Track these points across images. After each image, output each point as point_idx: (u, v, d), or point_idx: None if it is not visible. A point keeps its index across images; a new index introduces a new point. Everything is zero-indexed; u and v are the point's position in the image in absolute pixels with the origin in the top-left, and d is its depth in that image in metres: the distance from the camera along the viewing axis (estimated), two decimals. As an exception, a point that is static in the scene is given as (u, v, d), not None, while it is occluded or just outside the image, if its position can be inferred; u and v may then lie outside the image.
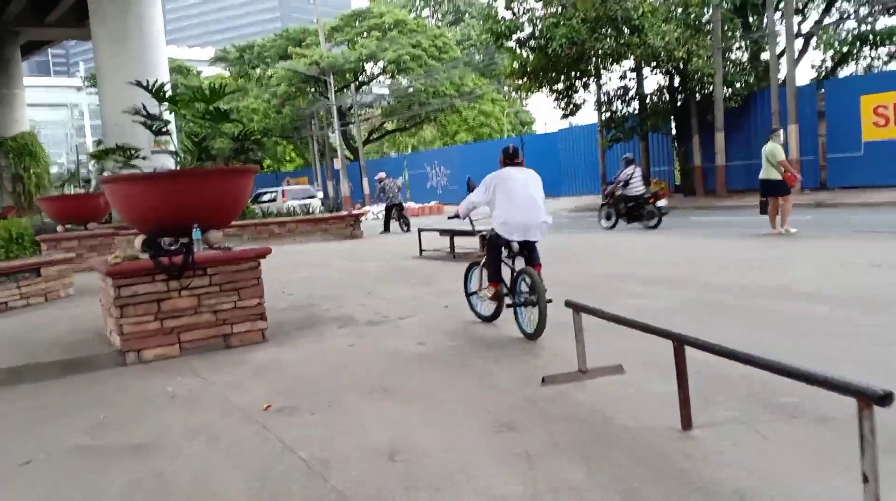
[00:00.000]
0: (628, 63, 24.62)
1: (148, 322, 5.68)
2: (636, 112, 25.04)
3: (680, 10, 22.45)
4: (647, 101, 24.95)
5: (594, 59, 22.25)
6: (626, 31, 20.79)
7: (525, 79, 24.08)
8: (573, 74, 24.00)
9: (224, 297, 5.93)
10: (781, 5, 22.08)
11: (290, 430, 3.84)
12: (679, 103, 24.69)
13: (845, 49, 24.25)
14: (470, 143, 43.40)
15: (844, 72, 25.75)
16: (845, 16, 24.93)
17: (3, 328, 7.19)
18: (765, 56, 25.41)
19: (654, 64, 22.54)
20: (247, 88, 51.86)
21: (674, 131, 26.32)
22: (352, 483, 3.10)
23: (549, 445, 3.37)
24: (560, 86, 24.98)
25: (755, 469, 2.95)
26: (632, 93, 25.02)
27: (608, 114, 25.52)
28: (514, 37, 22.21)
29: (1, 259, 8.95)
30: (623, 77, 25.20)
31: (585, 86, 25.24)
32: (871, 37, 23.25)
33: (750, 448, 3.18)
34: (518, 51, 23.34)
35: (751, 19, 25.04)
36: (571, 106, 25.70)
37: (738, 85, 23.17)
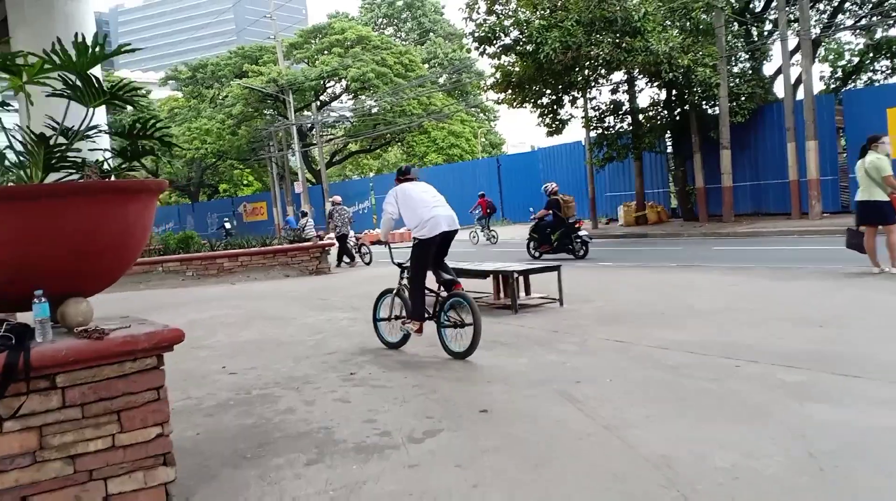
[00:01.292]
0: (620, 75, 22.37)
1: (-70, 488, 2.86)
2: (630, 128, 22.71)
3: (679, 15, 20.25)
4: (642, 116, 22.64)
5: (588, 68, 19.86)
6: (627, 35, 18.41)
7: (509, 91, 21.59)
8: (559, 86, 21.59)
9: (91, 429, 3.11)
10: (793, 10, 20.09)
11: None
12: (677, 118, 22.46)
13: (856, 59, 22.32)
14: (441, 165, 40.85)
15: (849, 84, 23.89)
16: (841, 25, 23.06)
17: None
18: (768, 69, 23.44)
19: (653, 73, 20.20)
20: (199, 108, 48.79)
21: (669, 149, 24.09)
22: None
23: None
24: (545, 100, 22.58)
25: None
26: (625, 107, 22.70)
27: (599, 130, 23.16)
28: (499, 42, 19.69)
29: None
30: (615, 90, 22.90)
31: (573, 100, 22.85)
32: (885, 47, 21.33)
33: None
34: (503, 58, 20.82)
35: (753, 30, 23.02)
36: (557, 122, 23.29)
37: (742, 98, 20.98)
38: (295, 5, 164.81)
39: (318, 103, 44.74)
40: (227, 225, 32.90)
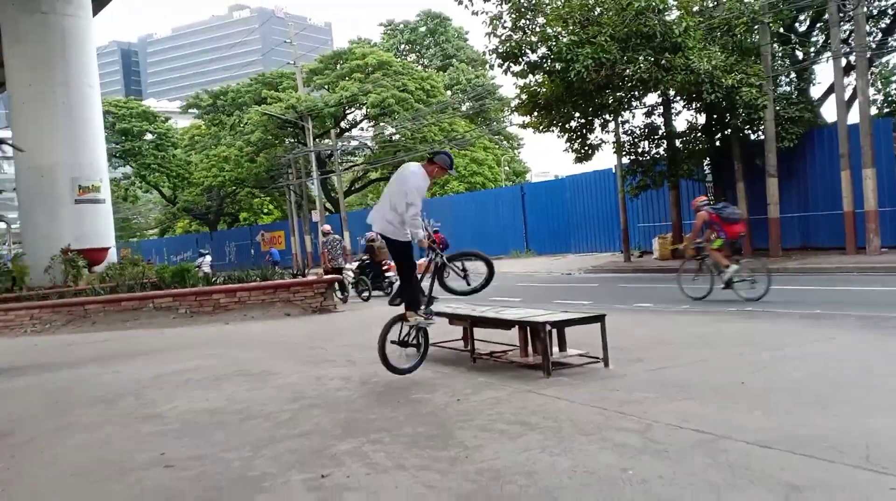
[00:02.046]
0: (655, 97, 20.80)
1: None
2: (666, 154, 21.04)
3: (721, 32, 18.69)
4: (680, 141, 20.98)
5: (622, 88, 18.30)
6: (666, 51, 16.85)
7: (535, 113, 20.05)
8: (590, 108, 20.00)
9: None
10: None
11: None
12: (717, 144, 20.79)
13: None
14: (462, 193, 39.41)
15: None
16: (890, 46, 21.33)
17: None
18: (815, 91, 21.82)
19: (693, 95, 18.60)
20: (220, 135, 47.91)
21: (709, 177, 22.39)
22: None
23: None
24: (574, 123, 21.01)
25: None
26: (661, 131, 21.08)
27: (632, 156, 21.52)
28: (525, 59, 18.16)
29: None
30: (650, 113, 21.28)
31: (604, 124, 21.25)
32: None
33: None
34: (530, 77, 19.28)
35: (797, 52, 21.36)
36: (586, 147, 21.68)
37: (789, 121, 19.27)
38: (321, 36, 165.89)
39: (338, 130, 43.61)
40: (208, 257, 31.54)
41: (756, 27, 18.85)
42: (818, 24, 21.50)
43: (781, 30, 20.07)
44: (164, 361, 8.89)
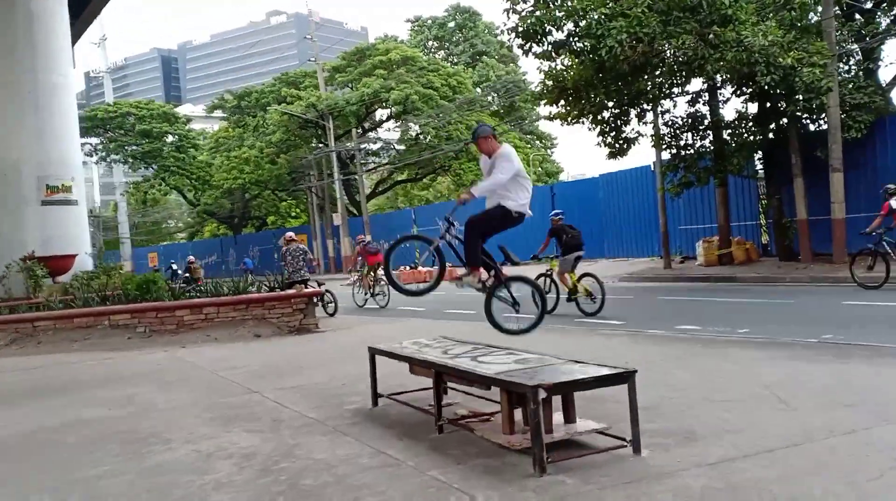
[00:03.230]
0: (699, 84, 18.37)
1: None
2: (712, 147, 18.56)
3: (775, 8, 16.25)
4: (728, 132, 18.48)
5: (662, 73, 15.92)
6: (714, 24, 14.43)
7: (563, 101, 17.71)
8: (625, 94, 17.59)
9: None
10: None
11: None
12: (771, 135, 18.23)
13: None
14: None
15: None
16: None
17: None
18: (883, 75, 19.12)
19: (744, 79, 16.13)
20: (244, 137, 46.41)
21: (760, 172, 19.85)
22: None
23: None
24: (607, 113, 18.64)
25: None
26: (707, 122, 18.59)
27: (674, 150, 19.07)
28: (549, 38, 15.83)
29: None
30: (694, 101, 18.81)
31: (641, 114, 18.84)
32: None
33: None
34: (555, 60, 16.92)
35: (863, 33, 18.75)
36: (621, 141, 19.29)
37: (855, 108, 16.70)
38: (357, 40, 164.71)
39: (361, 130, 41.65)
40: (175, 266, 30.00)
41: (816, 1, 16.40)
42: (882, 5, 18.91)
43: (845, 6, 17.50)
44: (69, 403, 6.88)
